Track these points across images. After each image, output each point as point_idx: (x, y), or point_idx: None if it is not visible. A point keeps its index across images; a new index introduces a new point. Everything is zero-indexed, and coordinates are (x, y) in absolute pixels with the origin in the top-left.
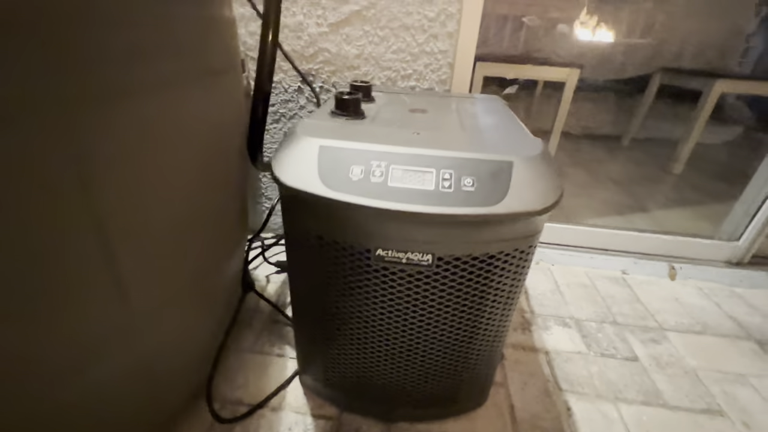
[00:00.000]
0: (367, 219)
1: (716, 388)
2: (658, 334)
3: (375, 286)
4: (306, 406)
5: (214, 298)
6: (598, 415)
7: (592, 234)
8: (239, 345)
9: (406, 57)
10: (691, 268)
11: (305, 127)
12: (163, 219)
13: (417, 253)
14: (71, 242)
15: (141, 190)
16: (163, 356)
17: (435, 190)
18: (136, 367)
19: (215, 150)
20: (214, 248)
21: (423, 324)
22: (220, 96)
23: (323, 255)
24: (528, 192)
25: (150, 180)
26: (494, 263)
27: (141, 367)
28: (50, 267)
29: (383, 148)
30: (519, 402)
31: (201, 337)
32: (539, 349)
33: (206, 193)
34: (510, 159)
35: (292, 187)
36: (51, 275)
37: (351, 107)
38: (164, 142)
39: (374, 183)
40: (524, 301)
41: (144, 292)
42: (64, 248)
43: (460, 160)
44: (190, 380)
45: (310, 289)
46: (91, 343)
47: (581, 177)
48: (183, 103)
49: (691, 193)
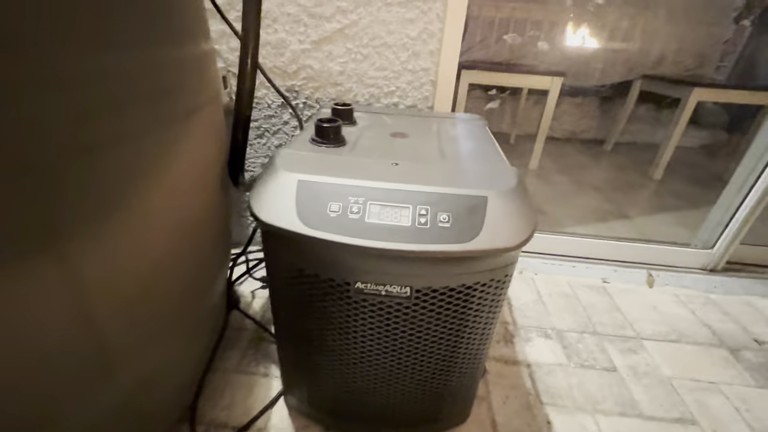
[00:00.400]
0: (346, 254)
1: (689, 397)
2: (635, 343)
3: (355, 317)
4: (291, 426)
5: (198, 325)
6: (577, 429)
7: (574, 243)
8: (224, 365)
9: (388, 74)
10: (669, 275)
11: (284, 159)
12: (142, 265)
13: (395, 285)
14: (46, 297)
15: (119, 241)
16: (145, 390)
17: (411, 227)
18: (116, 405)
19: (198, 183)
20: (197, 278)
21: (403, 351)
22: (202, 130)
23: (303, 287)
24: (502, 227)
25: (129, 230)
26: (471, 293)
27: (121, 405)
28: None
29: (361, 183)
30: (501, 417)
31: (185, 365)
32: (521, 362)
33: (188, 228)
34: (484, 194)
35: (270, 224)
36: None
37: (331, 135)
38: (146, 189)
39: (351, 219)
40: (507, 313)
41: (122, 335)
42: (31, 293)
43: (437, 195)
44: (175, 406)
45: (291, 317)
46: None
47: (565, 185)
48: (164, 147)
49: (671, 199)
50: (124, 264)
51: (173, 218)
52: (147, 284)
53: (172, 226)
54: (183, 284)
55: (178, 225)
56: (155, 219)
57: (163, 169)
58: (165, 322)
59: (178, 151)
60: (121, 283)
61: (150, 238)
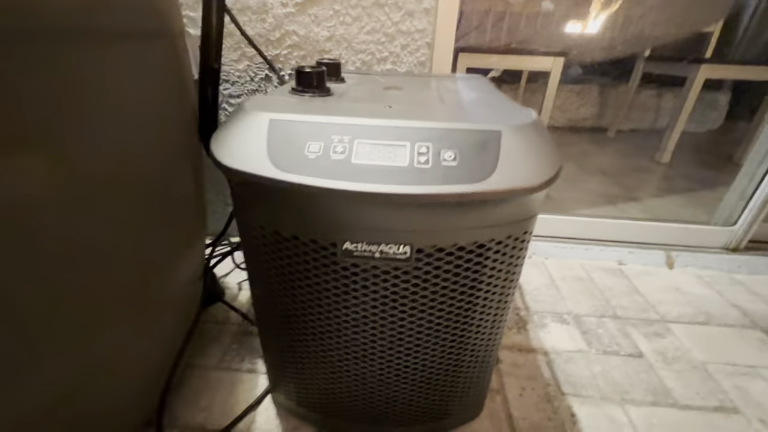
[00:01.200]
0: (329, 205)
1: (727, 383)
2: (661, 327)
3: (345, 287)
4: (279, 427)
5: (158, 309)
6: (605, 420)
7: (586, 224)
8: (204, 362)
9: (381, 38)
10: (689, 255)
11: (255, 101)
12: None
13: (392, 245)
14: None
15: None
16: (87, 389)
17: (409, 166)
18: (50, 399)
19: (151, 134)
20: (152, 250)
21: (404, 330)
22: (150, 65)
23: (282, 254)
24: (521, 165)
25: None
26: (484, 254)
27: (58, 399)
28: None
29: (346, 120)
30: (518, 410)
31: (143, 357)
32: (537, 350)
33: (137, 186)
34: (497, 128)
35: (234, 168)
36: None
37: (314, 82)
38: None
39: (335, 160)
40: (518, 298)
41: (47, 317)
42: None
43: (439, 131)
44: (133, 408)
45: (271, 295)
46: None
47: (570, 170)
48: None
49: (681, 181)
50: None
51: (114, 167)
52: (72, 247)
53: (112, 176)
54: (129, 255)
55: (122, 179)
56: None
57: (90, 99)
58: (104, 300)
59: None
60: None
61: (86, 179)
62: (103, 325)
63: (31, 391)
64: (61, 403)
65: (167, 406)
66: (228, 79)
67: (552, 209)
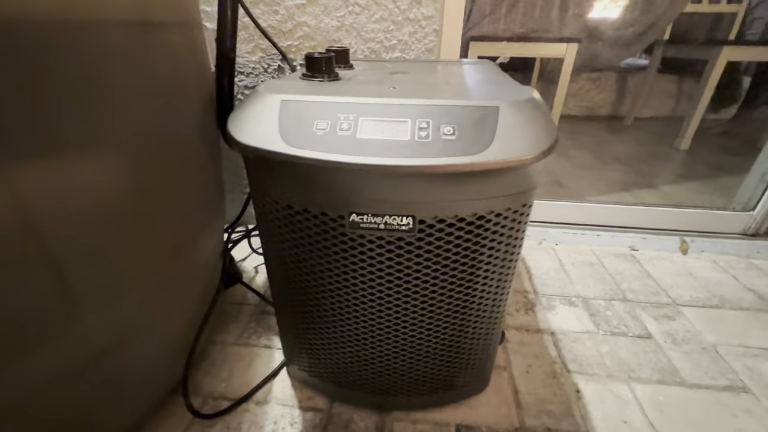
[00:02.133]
0: (336, 178)
1: (738, 364)
2: (671, 309)
3: (353, 258)
4: (293, 398)
5: (181, 282)
6: (610, 397)
7: (597, 210)
8: (224, 338)
9: (389, 26)
10: (704, 241)
11: (268, 85)
12: (101, 197)
13: (395, 216)
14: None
15: (73, 159)
16: (122, 353)
17: (410, 141)
18: (86, 357)
19: (174, 115)
20: (174, 226)
21: (409, 300)
22: (167, 52)
23: (294, 227)
24: (517, 138)
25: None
26: (484, 225)
27: (94, 358)
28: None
29: (352, 100)
30: (524, 386)
31: (168, 327)
32: (544, 330)
33: (159, 166)
34: (495, 104)
35: (248, 144)
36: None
37: (323, 67)
38: (101, 100)
39: (341, 136)
40: (527, 281)
41: (86, 276)
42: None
43: (439, 107)
44: (161, 374)
45: (284, 267)
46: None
47: (585, 159)
48: (112, 53)
49: (701, 168)
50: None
51: (138, 148)
52: (107, 217)
53: (138, 158)
54: (160, 225)
55: (146, 159)
56: (115, 142)
57: (118, 82)
58: (135, 267)
59: (137, 61)
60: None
61: (109, 161)
62: (135, 289)
63: (71, 343)
64: (98, 359)
65: (191, 376)
66: (243, 70)
67: (564, 196)
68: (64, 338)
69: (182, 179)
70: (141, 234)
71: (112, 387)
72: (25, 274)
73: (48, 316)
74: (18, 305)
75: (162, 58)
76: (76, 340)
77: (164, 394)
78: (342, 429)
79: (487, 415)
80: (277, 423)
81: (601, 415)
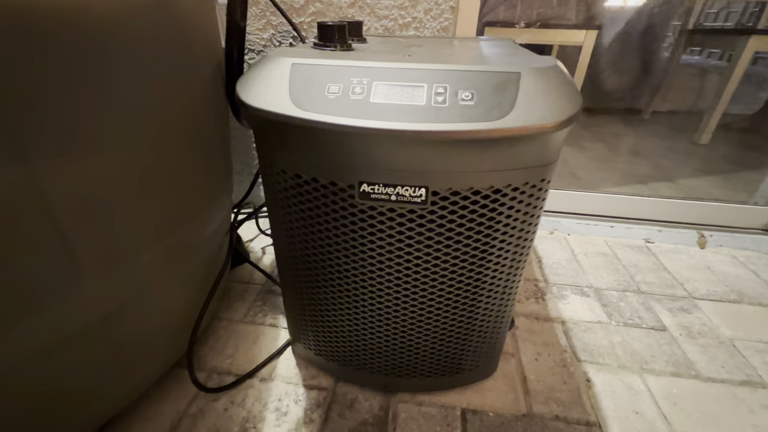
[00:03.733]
0: (347, 145)
1: (757, 359)
2: (688, 303)
3: (362, 231)
4: (298, 376)
5: (190, 253)
6: (621, 387)
7: (612, 201)
8: (230, 315)
9: (403, 3)
10: (723, 235)
11: (279, 50)
12: (107, 165)
13: (408, 187)
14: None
15: (81, 128)
16: (126, 320)
17: (426, 105)
18: (91, 322)
19: (182, 91)
20: (189, 194)
21: (419, 277)
22: (176, 21)
23: (303, 198)
24: (539, 104)
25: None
26: (500, 200)
27: (98, 324)
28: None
29: (365, 64)
30: (532, 373)
31: (172, 300)
32: (554, 319)
33: (171, 135)
34: (517, 70)
35: (257, 107)
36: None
37: (336, 35)
38: (101, 69)
39: (353, 100)
40: (537, 270)
41: (91, 240)
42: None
43: (457, 72)
44: (167, 347)
45: (292, 241)
46: (26, 296)
47: (600, 150)
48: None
49: (721, 163)
50: (82, 150)
51: (146, 114)
52: (111, 182)
53: (145, 124)
54: (168, 192)
55: (154, 126)
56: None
57: (123, 43)
58: (139, 234)
59: (144, 28)
60: (84, 185)
61: (115, 126)
62: (138, 255)
63: (76, 306)
64: (103, 325)
65: (196, 351)
66: (254, 48)
67: (578, 187)
68: (68, 301)
69: (189, 149)
70: (145, 201)
71: (117, 355)
72: (30, 236)
73: (53, 279)
74: (23, 266)
75: (171, 26)
76: (80, 304)
77: (169, 367)
78: (346, 408)
79: (493, 400)
80: (281, 400)
81: (611, 405)
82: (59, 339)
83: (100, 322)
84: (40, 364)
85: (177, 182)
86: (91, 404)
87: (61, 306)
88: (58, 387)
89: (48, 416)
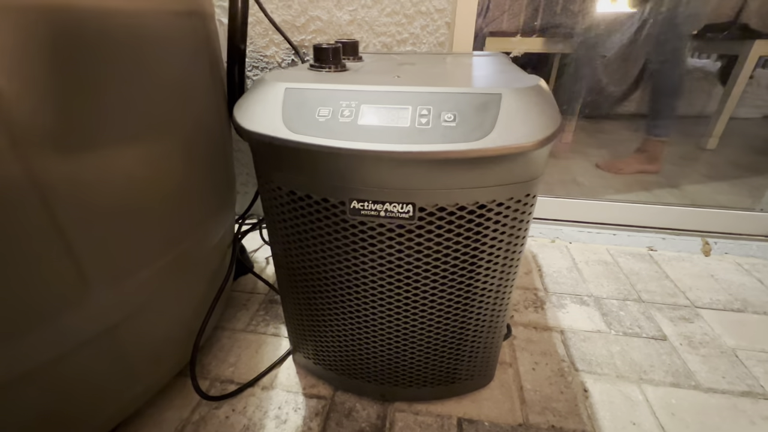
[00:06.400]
0: (337, 164)
1: (759, 369)
2: (689, 311)
3: (354, 245)
4: (298, 385)
5: (193, 263)
6: (619, 397)
7: (614, 209)
8: (233, 325)
9: (400, 19)
10: (729, 242)
11: (274, 74)
12: (116, 179)
13: (395, 203)
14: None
15: (89, 139)
16: (131, 330)
17: (410, 127)
18: (98, 334)
19: (183, 105)
20: (193, 205)
21: (410, 289)
22: (181, 41)
23: (297, 213)
24: (519, 124)
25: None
26: (486, 215)
27: (105, 335)
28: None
29: (354, 87)
30: (529, 383)
31: (176, 308)
32: (553, 328)
33: (175, 149)
34: (498, 91)
35: (252, 131)
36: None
37: (330, 57)
38: (109, 87)
39: (342, 123)
40: (537, 279)
41: (99, 260)
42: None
43: (440, 94)
44: (171, 356)
45: (288, 255)
46: (35, 307)
47: (604, 157)
48: (130, 38)
49: (728, 168)
50: (92, 168)
51: (150, 129)
52: (116, 195)
53: (149, 139)
54: (173, 205)
55: (158, 140)
56: (128, 125)
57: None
58: (144, 246)
59: (152, 48)
60: (91, 198)
61: (123, 143)
62: (145, 269)
63: (83, 316)
64: (109, 335)
65: (200, 360)
66: (257, 65)
67: (580, 194)
68: (75, 312)
69: (195, 163)
70: (151, 213)
71: (123, 364)
72: (37, 248)
73: (61, 291)
74: (32, 278)
75: (187, 40)
76: (87, 315)
77: (173, 376)
78: (344, 417)
79: (489, 410)
80: (281, 408)
81: (608, 416)
82: (66, 349)
83: (107, 332)
84: (49, 373)
85: (182, 195)
86: (98, 412)
87: (69, 317)
88: (66, 395)
89: (56, 424)
